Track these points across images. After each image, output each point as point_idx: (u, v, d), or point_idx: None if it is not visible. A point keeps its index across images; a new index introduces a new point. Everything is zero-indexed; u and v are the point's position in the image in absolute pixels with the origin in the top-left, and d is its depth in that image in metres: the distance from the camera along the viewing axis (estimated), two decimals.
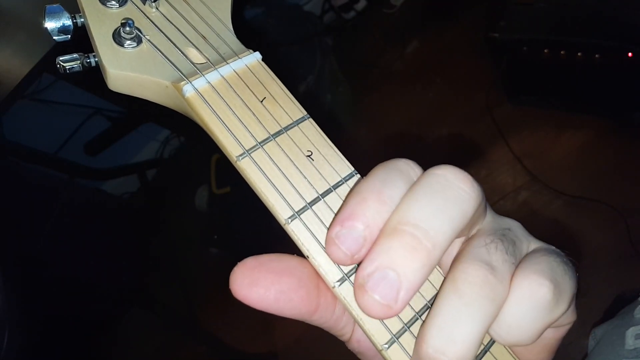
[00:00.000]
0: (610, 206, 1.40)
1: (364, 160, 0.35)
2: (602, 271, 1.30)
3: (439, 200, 0.30)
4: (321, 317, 0.35)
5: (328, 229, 0.31)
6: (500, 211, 0.36)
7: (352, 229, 0.30)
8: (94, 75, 0.39)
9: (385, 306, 0.28)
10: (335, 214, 0.32)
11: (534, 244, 0.35)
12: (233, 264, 0.33)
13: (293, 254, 0.34)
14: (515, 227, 0.35)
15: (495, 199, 1.52)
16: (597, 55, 1.41)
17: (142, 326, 1.70)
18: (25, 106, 1.53)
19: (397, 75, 1.87)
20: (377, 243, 0.29)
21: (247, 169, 0.33)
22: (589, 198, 1.44)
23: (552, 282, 0.31)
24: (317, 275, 0.33)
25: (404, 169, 0.32)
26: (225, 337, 1.63)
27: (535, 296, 0.31)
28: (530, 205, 1.50)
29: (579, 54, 1.43)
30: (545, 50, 1.48)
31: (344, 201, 0.32)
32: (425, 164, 0.33)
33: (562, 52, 1.46)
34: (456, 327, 0.29)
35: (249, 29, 1.78)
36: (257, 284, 0.32)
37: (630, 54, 1.37)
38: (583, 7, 1.46)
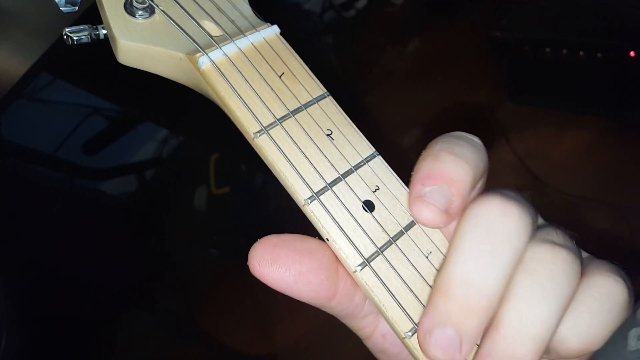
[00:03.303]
0: (613, 206, 1.39)
1: None
2: None
3: (488, 245, 0.29)
4: (339, 304, 0.33)
5: (409, 191, 0.31)
6: None
7: (437, 185, 0.30)
8: (93, 74, 0.38)
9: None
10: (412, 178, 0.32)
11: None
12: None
13: None
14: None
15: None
16: (599, 55, 1.41)
17: (140, 327, 1.69)
18: (23, 106, 1.52)
19: (397, 74, 1.87)
20: (429, 302, 0.30)
21: (265, 146, 0.32)
22: (591, 198, 1.43)
23: (627, 284, 0.30)
24: (338, 260, 0.32)
25: (462, 135, 0.32)
26: (224, 338, 1.62)
27: (613, 294, 0.30)
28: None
29: (580, 53, 1.43)
30: (547, 50, 1.47)
31: (416, 165, 0.31)
32: None
33: (564, 51, 1.45)
34: (534, 309, 0.28)
35: None
36: (277, 261, 0.31)
37: (632, 53, 1.36)
38: (585, 6, 1.46)
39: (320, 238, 0.32)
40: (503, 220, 0.29)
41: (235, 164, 1.66)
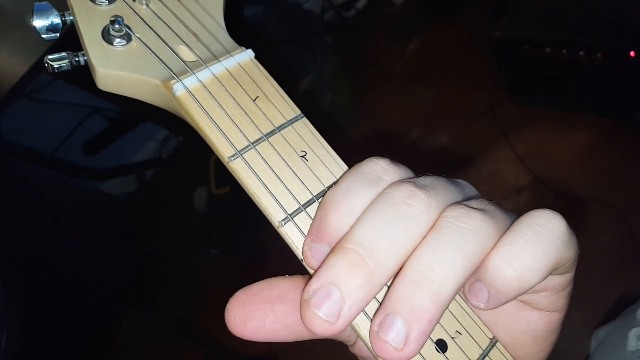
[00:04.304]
0: (613, 206, 1.39)
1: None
2: (605, 272, 1.29)
3: (385, 218, 0.29)
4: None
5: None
6: None
7: (318, 244, 0.30)
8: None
9: (327, 322, 0.28)
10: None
11: None
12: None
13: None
14: None
15: (496, 200, 1.51)
16: (599, 54, 1.41)
17: (140, 328, 1.69)
18: (23, 106, 1.52)
19: (397, 74, 1.87)
20: (325, 260, 0.29)
21: (239, 170, 0.32)
22: (591, 198, 1.43)
23: (564, 220, 0.30)
24: None
25: (370, 172, 0.31)
26: (224, 338, 1.62)
27: (549, 222, 0.30)
28: (533, 205, 1.47)
29: (580, 52, 1.43)
30: (547, 49, 1.47)
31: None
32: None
33: (564, 51, 1.45)
34: (434, 254, 0.28)
35: (248, 27, 1.77)
36: (251, 318, 0.31)
37: (632, 53, 1.36)
38: (585, 6, 1.45)
39: (295, 259, 0.32)
40: (404, 199, 0.29)
41: None
